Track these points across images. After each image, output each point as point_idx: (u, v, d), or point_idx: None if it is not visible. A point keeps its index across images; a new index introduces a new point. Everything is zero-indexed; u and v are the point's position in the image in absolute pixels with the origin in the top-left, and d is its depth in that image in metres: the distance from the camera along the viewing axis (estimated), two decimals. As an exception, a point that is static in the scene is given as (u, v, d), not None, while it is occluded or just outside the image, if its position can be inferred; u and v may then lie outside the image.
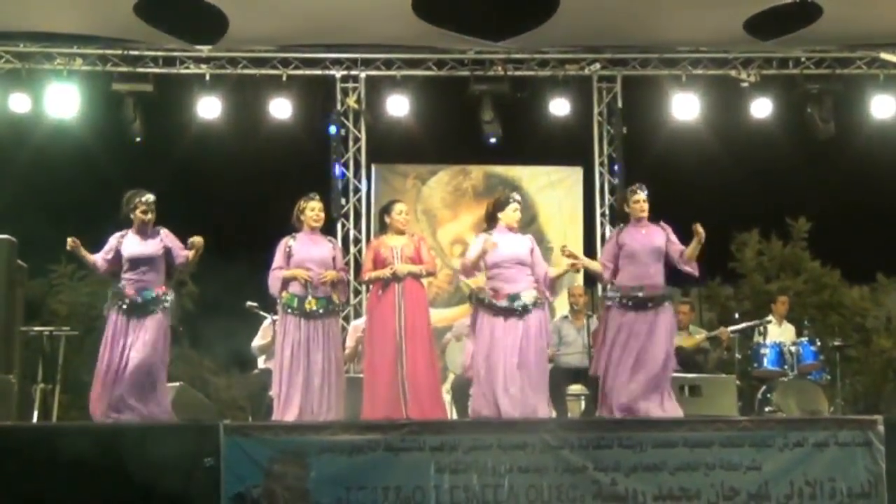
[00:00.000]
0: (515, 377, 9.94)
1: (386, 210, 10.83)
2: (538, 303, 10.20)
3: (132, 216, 10.35)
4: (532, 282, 10.26)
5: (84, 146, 15.48)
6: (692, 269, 10.42)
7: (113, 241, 10.37)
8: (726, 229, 19.16)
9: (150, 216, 10.35)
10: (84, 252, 10.33)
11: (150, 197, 10.38)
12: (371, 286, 10.74)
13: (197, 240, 10.31)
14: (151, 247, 10.32)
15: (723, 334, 13.31)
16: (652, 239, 10.39)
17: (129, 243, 10.32)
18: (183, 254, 10.41)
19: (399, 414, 10.01)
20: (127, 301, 10.15)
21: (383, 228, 10.80)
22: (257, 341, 12.53)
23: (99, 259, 10.36)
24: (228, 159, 16.12)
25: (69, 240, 10.21)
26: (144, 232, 10.35)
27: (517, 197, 10.67)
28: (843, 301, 18.62)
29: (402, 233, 10.68)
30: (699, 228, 10.30)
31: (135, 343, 10.09)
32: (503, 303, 10.13)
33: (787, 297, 14.61)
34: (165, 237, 10.41)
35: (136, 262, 10.25)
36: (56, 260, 17.52)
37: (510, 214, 10.45)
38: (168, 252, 10.38)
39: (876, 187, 16.87)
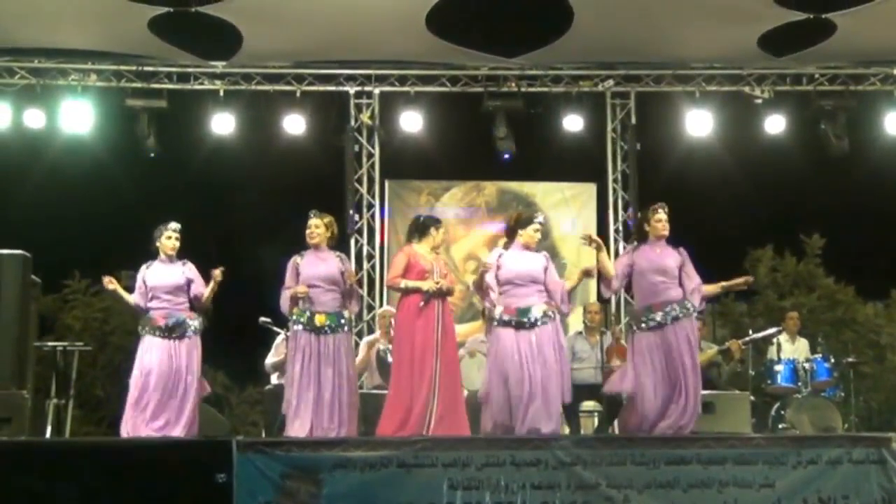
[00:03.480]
0: (528, 392, 9.94)
1: (434, 223, 10.75)
2: (549, 316, 10.19)
3: (158, 244, 10.46)
4: (544, 298, 10.26)
5: (98, 162, 15.52)
6: (696, 303, 10.38)
7: (140, 273, 10.53)
8: (740, 245, 19.12)
9: (175, 243, 10.45)
10: (123, 293, 10.47)
11: (176, 225, 10.52)
12: (401, 295, 10.63)
13: (216, 273, 10.40)
14: (175, 275, 10.45)
15: (734, 345, 13.30)
16: (664, 258, 10.35)
17: (154, 273, 10.47)
18: (200, 289, 10.50)
19: (423, 431, 10.02)
20: (158, 329, 10.28)
21: (413, 238, 10.74)
22: (271, 358, 12.53)
23: (138, 297, 10.49)
24: (242, 175, 16.15)
25: (105, 279, 10.35)
26: (169, 261, 10.45)
27: (541, 219, 10.64)
28: (857, 318, 18.54)
29: (433, 250, 10.65)
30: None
31: (179, 368, 10.28)
32: (513, 317, 10.13)
33: (798, 313, 14.60)
34: (189, 270, 10.52)
35: (161, 291, 10.38)
36: (70, 275, 17.53)
37: (531, 234, 10.44)
38: (190, 283, 10.46)
39: (890, 204, 16.82)
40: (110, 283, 10.33)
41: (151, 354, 10.24)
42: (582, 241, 10.86)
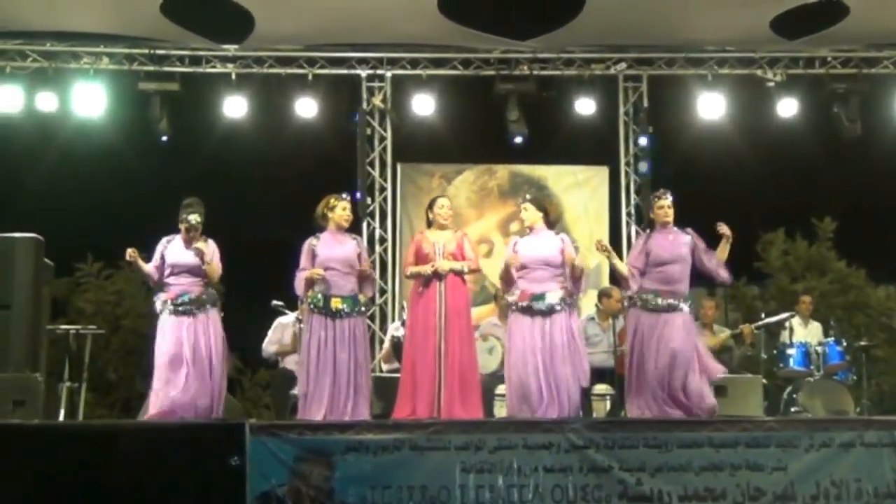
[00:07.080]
0: (543, 378, 9.95)
1: (429, 205, 10.79)
2: (565, 302, 10.17)
3: (180, 225, 10.37)
4: (560, 282, 10.24)
5: (110, 145, 15.52)
6: (726, 277, 10.44)
7: (160, 246, 10.40)
8: (752, 229, 19.09)
9: (190, 234, 10.33)
10: (142, 264, 10.29)
11: (193, 219, 10.29)
12: (413, 281, 10.69)
13: (201, 246, 10.33)
14: (193, 255, 10.32)
15: (746, 330, 13.30)
16: (678, 247, 10.36)
17: (173, 250, 10.35)
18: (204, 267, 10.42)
19: (434, 413, 10.03)
20: (171, 305, 10.20)
21: (428, 223, 10.76)
22: (270, 345, 12.50)
23: (151, 268, 10.35)
24: (254, 158, 16.14)
25: (129, 251, 10.19)
26: (190, 241, 10.35)
27: (524, 196, 10.73)
28: (869, 301, 18.52)
29: (444, 228, 10.62)
30: (725, 229, 10.33)
31: (196, 341, 10.17)
32: (527, 303, 10.13)
33: (811, 296, 14.58)
34: (208, 249, 10.38)
35: (178, 269, 10.28)
36: (82, 258, 17.55)
37: (528, 217, 10.48)
38: None
39: (901, 187, 16.82)
40: (133, 255, 10.25)
41: (171, 333, 10.15)
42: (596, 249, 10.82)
